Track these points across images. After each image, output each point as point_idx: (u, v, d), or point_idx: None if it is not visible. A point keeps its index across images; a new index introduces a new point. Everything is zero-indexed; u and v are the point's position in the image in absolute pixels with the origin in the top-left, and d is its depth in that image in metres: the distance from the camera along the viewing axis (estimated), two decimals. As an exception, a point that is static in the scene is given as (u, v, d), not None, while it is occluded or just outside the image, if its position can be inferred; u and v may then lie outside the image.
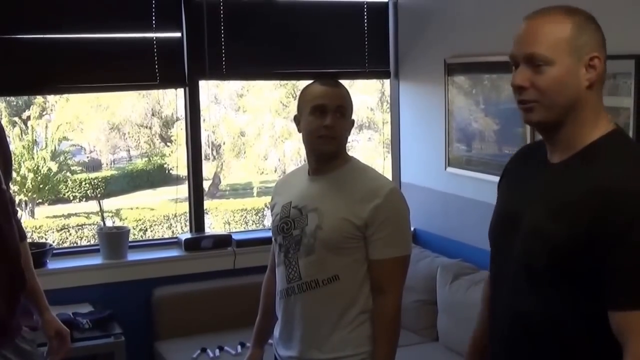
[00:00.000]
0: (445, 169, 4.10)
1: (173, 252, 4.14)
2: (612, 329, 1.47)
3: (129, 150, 13.28)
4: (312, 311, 2.32)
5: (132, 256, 4.04)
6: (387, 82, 4.71)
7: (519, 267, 1.61)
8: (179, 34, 4.10)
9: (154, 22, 4.01)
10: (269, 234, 2.56)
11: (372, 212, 2.25)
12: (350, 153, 2.46)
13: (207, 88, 4.47)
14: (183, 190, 4.70)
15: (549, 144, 1.65)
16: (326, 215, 2.29)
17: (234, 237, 4.22)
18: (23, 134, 11.11)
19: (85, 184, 11.95)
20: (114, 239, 4.00)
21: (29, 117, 11.13)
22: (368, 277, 2.32)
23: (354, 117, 2.41)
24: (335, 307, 2.30)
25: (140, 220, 10.67)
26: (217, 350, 3.74)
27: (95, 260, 3.98)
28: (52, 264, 3.88)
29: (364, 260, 2.30)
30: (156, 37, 4.03)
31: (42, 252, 3.82)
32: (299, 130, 2.38)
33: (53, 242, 8.30)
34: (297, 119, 2.40)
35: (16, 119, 11.04)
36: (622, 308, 1.44)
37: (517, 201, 1.68)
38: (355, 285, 2.30)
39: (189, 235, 4.19)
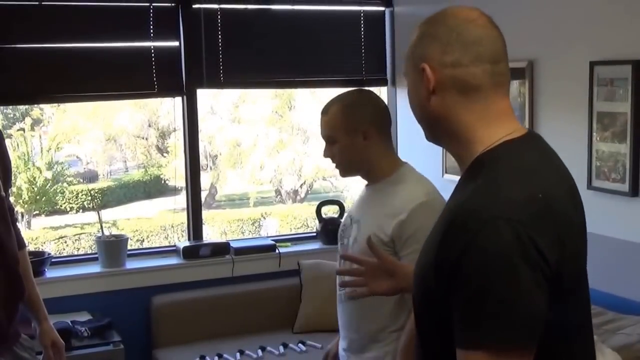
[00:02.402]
0: (443, 175, 4.11)
1: (171, 260, 4.15)
2: None
3: (125, 162, 13.26)
4: (355, 320, 2.31)
5: (131, 264, 4.04)
6: (384, 89, 4.72)
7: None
8: (176, 43, 4.12)
9: (151, 31, 4.03)
10: (267, 241, 2.56)
11: (396, 228, 2.18)
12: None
13: (204, 99, 4.49)
14: (180, 200, 4.70)
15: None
16: (362, 228, 2.27)
17: (232, 245, 4.22)
18: (19, 146, 11.08)
19: (82, 195, 11.92)
20: (112, 247, 4.00)
21: (24, 129, 11.11)
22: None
23: None
24: (374, 320, 2.26)
25: (137, 230, 10.64)
26: (216, 358, 3.73)
27: (94, 268, 3.98)
28: (51, 273, 3.88)
29: None
30: (154, 46, 4.06)
31: (40, 260, 3.82)
32: None
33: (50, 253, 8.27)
34: None
35: (11, 130, 11.01)
36: (458, 346, 1.27)
37: None
38: (390, 301, 2.21)
39: (187, 243, 4.19)
